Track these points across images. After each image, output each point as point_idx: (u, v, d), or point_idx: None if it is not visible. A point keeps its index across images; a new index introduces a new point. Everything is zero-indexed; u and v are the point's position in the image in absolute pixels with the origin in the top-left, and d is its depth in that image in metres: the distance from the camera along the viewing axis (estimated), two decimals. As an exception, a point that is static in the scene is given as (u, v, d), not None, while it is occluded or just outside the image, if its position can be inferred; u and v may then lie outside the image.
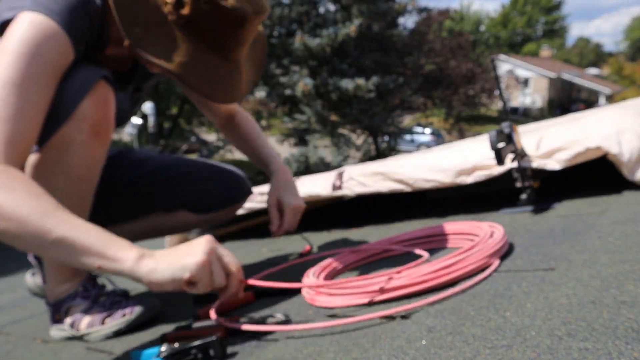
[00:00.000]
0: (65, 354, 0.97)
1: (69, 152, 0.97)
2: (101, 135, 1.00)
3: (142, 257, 0.79)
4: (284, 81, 13.66)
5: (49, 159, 0.97)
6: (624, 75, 20.90)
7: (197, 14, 0.91)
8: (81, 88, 0.96)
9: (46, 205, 0.81)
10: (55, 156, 0.97)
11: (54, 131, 0.95)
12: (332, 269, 1.07)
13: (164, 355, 0.75)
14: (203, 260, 0.78)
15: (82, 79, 0.96)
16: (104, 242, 0.79)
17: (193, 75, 0.93)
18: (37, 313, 1.49)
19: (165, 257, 0.80)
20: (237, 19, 0.92)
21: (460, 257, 0.86)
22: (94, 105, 0.97)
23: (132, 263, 0.78)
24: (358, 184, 1.65)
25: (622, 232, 0.92)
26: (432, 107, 20.20)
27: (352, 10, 14.04)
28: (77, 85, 0.96)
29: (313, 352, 0.70)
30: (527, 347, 0.56)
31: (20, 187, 0.81)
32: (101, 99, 0.98)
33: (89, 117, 0.97)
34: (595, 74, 39.86)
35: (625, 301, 0.62)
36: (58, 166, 0.97)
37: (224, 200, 1.37)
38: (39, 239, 0.78)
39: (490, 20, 49.05)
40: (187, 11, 0.91)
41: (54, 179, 0.96)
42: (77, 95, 0.95)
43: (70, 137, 0.96)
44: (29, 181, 0.84)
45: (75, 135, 0.96)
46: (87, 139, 0.98)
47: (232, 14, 0.91)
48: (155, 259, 0.79)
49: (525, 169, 1.29)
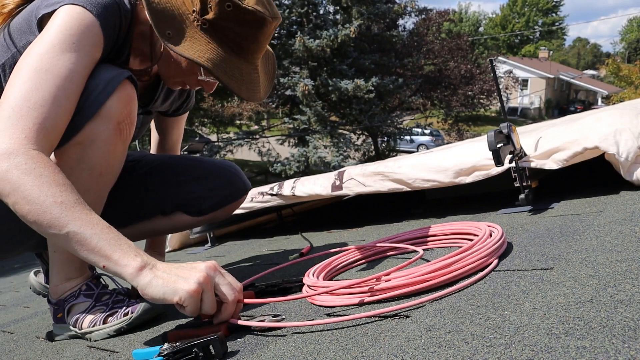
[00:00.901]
0: (67, 353, 0.98)
1: (93, 148, 0.99)
2: (124, 133, 1.02)
3: (143, 267, 0.83)
4: (284, 82, 13.66)
5: (73, 155, 0.98)
6: (620, 77, 20.90)
7: (222, 17, 0.99)
8: (108, 86, 0.98)
9: (68, 197, 0.84)
10: (80, 152, 0.98)
11: (80, 128, 0.96)
12: (331, 268, 1.07)
13: (166, 354, 0.76)
14: (194, 289, 0.81)
15: (107, 77, 0.98)
16: (113, 245, 0.83)
17: (220, 71, 1.00)
18: (40, 312, 1.50)
19: (163, 274, 0.83)
20: (257, 20, 1.00)
21: (459, 257, 0.87)
22: (119, 104, 0.99)
23: (132, 271, 0.83)
24: (358, 184, 1.65)
25: (620, 231, 0.92)
26: (431, 107, 20.21)
27: (352, 11, 14.05)
28: (103, 83, 0.97)
29: (313, 350, 0.71)
30: (526, 346, 0.56)
31: (48, 174, 0.84)
32: (126, 97, 1.00)
33: (114, 115, 0.99)
34: (593, 74, 39.91)
35: (622, 300, 0.62)
36: (82, 163, 0.99)
37: (220, 200, 1.35)
38: (54, 228, 0.83)
39: (489, 21, 49.09)
40: (212, 15, 0.99)
41: (77, 174, 0.98)
42: (104, 93, 0.97)
43: (95, 134, 0.98)
44: (56, 170, 0.87)
45: (100, 133, 0.98)
46: (111, 137, 0.99)
47: (253, 15, 0.99)
48: (154, 273, 0.83)
49: (524, 169, 1.30)
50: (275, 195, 1.88)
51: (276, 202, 1.90)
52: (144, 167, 1.35)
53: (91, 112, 0.96)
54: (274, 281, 1.10)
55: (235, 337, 0.84)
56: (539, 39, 49.30)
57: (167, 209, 1.34)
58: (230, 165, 1.40)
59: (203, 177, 1.34)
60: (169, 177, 1.33)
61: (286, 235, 2.02)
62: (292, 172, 13.47)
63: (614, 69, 21.05)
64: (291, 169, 13.57)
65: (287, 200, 1.88)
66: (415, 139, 20.98)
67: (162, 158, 1.40)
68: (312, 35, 13.49)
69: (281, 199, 1.88)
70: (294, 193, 1.82)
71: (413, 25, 19.07)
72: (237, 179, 1.37)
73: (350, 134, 15.23)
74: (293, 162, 13.66)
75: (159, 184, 1.33)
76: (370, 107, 14.12)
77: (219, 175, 1.35)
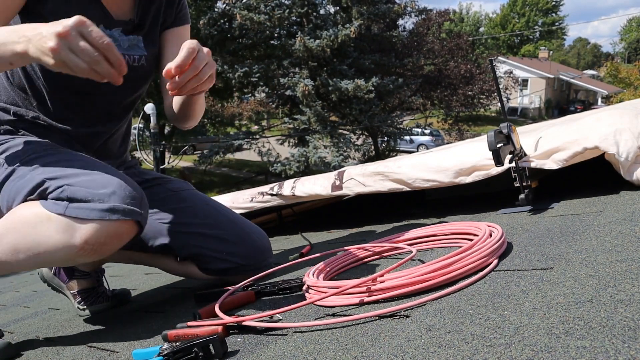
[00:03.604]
0: (67, 353, 0.98)
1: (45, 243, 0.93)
2: (85, 252, 0.94)
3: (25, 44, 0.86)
4: (284, 82, 13.67)
5: (21, 224, 0.95)
6: (619, 78, 20.95)
7: None
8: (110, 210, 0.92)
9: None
10: (28, 230, 0.94)
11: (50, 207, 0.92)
12: (331, 268, 1.07)
13: (166, 354, 0.76)
14: (52, 46, 0.82)
15: (121, 195, 0.94)
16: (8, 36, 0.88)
17: None
18: (40, 312, 1.50)
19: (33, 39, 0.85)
20: None
21: (459, 257, 0.87)
22: (104, 236, 0.93)
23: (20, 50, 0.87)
24: (358, 183, 1.66)
25: (619, 231, 0.92)
26: (431, 107, 20.22)
27: (352, 11, 14.06)
28: (110, 196, 0.93)
29: (313, 350, 0.71)
30: (526, 346, 0.56)
31: None
32: (114, 234, 0.94)
33: (89, 238, 0.92)
34: (593, 75, 39.93)
35: (622, 300, 0.62)
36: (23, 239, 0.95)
37: (233, 267, 1.23)
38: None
39: (489, 21, 49.08)
40: None
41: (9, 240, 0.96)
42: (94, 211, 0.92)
43: (54, 232, 0.92)
44: None
45: (62, 239, 0.92)
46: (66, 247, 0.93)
47: None
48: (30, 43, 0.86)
49: (524, 169, 1.30)
50: (275, 195, 1.88)
51: (276, 202, 1.90)
52: (179, 202, 1.26)
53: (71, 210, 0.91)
54: (274, 281, 1.10)
55: (235, 337, 0.84)
56: (539, 39, 49.32)
57: (181, 256, 1.25)
58: (258, 234, 1.29)
59: (226, 238, 1.23)
60: (196, 227, 1.23)
61: (286, 235, 2.03)
62: (292, 172, 13.48)
63: (613, 70, 21.09)
64: (291, 169, 13.58)
65: (287, 200, 1.88)
66: (415, 139, 21.00)
67: (197, 200, 1.30)
68: (312, 35, 13.50)
69: (281, 199, 1.88)
70: (294, 193, 1.82)
71: (413, 25, 19.10)
72: (262, 252, 1.26)
73: (350, 134, 15.24)
74: (293, 162, 13.67)
75: (182, 226, 1.23)
76: (370, 107, 14.13)
77: (242, 242, 1.24)
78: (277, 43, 14.58)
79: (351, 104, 13.88)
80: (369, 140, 16.44)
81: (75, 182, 0.95)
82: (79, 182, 0.95)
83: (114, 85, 1.18)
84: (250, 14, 13.57)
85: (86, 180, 0.95)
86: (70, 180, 0.95)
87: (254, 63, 14.35)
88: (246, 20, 13.59)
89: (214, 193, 15.01)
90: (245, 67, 14.12)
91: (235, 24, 14.22)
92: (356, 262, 1.15)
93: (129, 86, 1.23)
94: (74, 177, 0.96)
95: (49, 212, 0.93)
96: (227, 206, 1.89)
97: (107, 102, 1.21)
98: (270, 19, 13.62)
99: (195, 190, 1.34)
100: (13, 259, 0.97)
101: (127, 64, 1.18)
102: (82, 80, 1.14)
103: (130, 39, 1.20)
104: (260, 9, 13.76)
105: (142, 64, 1.22)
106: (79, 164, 1.01)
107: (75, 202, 0.92)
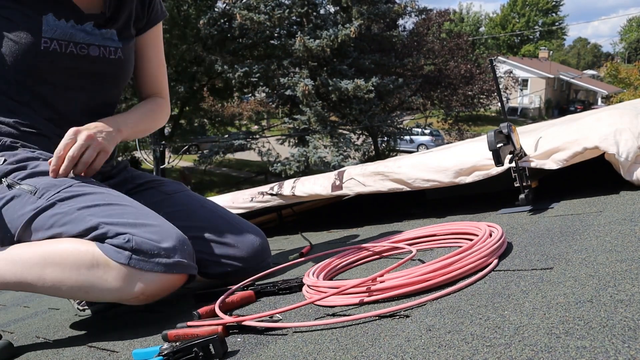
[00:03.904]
0: (67, 353, 0.98)
1: (99, 286, 0.96)
2: (139, 302, 0.98)
3: None
4: (284, 82, 13.67)
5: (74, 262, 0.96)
6: (619, 79, 20.99)
7: None
8: (173, 264, 0.96)
9: None
10: (82, 271, 0.96)
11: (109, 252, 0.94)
12: (331, 268, 1.07)
13: (166, 354, 0.76)
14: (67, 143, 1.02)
15: (179, 247, 0.97)
16: None
17: None
18: (40, 312, 1.50)
19: None
20: None
21: (459, 257, 0.87)
22: (162, 288, 0.97)
23: None
24: (358, 183, 1.65)
25: (619, 231, 0.92)
26: (431, 107, 20.22)
27: (352, 11, 14.06)
28: (170, 248, 0.96)
29: (313, 350, 0.71)
30: (525, 346, 0.56)
31: None
32: (167, 285, 0.97)
33: (148, 292, 0.96)
34: (593, 74, 39.93)
35: (622, 300, 0.62)
36: (74, 277, 0.96)
37: (234, 271, 1.21)
38: None
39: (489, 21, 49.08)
40: None
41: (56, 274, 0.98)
42: (159, 266, 0.95)
43: (117, 282, 0.95)
44: None
45: (120, 286, 0.95)
46: (126, 298, 0.97)
47: None
48: None
49: (524, 169, 1.30)
50: (275, 195, 1.88)
51: (276, 202, 1.90)
52: (174, 205, 1.24)
53: (135, 262, 0.94)
54: (273, 281, 1.10)
55: (235, 337, 0.84)
56: (539, 39, 49.31)
57: None
58: (256, 234, 1.26)
59: (223, 241, 1.21)
60: (191, 228, 1.18)
61: (286, 235, 2.03)
62: (292, 172, 13.48)
63: (613, 71, 21.12)
64: (291, 169, 13.58)
65: (287, 200, 1.88)
66: (415, 139, 21.00)
67: (192, 202, 1.27)
68: (312, 35, 13.50)
69: (281, 199, 1.88)
70: (294, 193, 1.82)
71: (413, 25, 19.09)
72: (257, 254, 1.23)
73: (350, 134, 15.24)
74: (293, 162, 13.67)
75: None
76: (370, 107, 14.13)
77: (240, 244, 1.22)
78: (277, 43, 14.57)
79: (351, 104, 13.88)
80: (369, 140, 16.44)
81: (138, 233, 0.96)
82: (141, 233, 0.96)
83: (93, 80, 1.20)
84: (250, 13, 13.57)
85: (149, 232, 0.97)
86: (132, 229, 0.96)
87: (254, 63, 14.36)
88: (246, 20, 13.59)
89: (214, 193, 15.02)
90: (245, 67, 14.12)
91: (235, 23, 14.22)
92: (356, 262, 1.15)
93: (109, 80, 1.24)
94: (134, 226, 0.97)
95: (108, 258, 0.95)
96: (227, 206, 1.90)
97: (89, 97, 1.22)
98: (270, 19, 13.63)
99: (190, 192, 1.33)
100: (52, 289, 0.99)
101: (103, 56, 1.19)
102: (62, 75, 1.15)
103: (103, 33, 1.20)
104: (260, 9, 13.77)
105: (119, 57, 1.23)
106: (131, 209, 1.02)
107: (141, 254, 0.94)
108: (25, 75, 1.13)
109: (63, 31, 1.13)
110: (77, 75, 1.18)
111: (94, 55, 1.18)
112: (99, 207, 1.00)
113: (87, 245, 0.97)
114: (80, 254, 0.96)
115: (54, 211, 1.01)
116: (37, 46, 1.10)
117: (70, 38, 1.14)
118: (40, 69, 1.12)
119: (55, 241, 1.00)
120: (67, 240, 0.99)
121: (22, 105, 1.15)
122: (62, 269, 0.97)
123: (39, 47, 1.10)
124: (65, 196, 1.02)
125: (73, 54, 1.15)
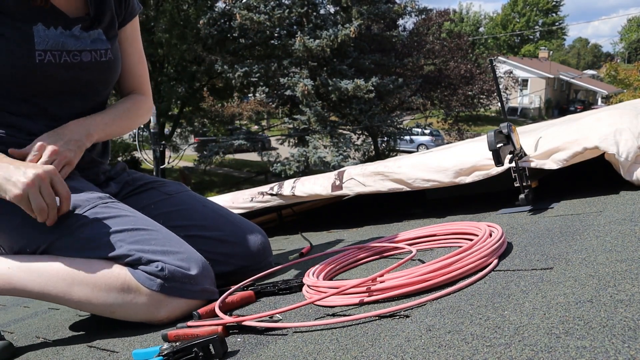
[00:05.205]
0: (67, 353, 0.98)
1: (127, 309, 1.00)
2: (161, 323, 1.01)
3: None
4: (284, 82, 13.67)
5: (105, 285, 0.99)
6: (619, 79, 21.01)
7: None
8: (200, 291, 1.02)
9: None
10: (113, 294, 0.99)
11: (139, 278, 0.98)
12: (331, 268, 1.07)
13: (166, 354, 0.76)
14: (19, 194, 0.95)
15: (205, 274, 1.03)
16: None
17: None
18: (40, 312, 1.50)
19: None
20: None
21: (459, 257, 0.87)
22: (186, 311, 1.01)
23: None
24: (358, 183, 1.66)
25: (619, 231, 0.92)
26: (431, 107, 20.22)
27: (352, 11, 14.06)
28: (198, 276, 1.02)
29: (313, 350, 0.71)
30: (525, 346, 0.56)
31: None
32: (192, 309, 1.00)
33: (173, 315, 1.00)
34: (593, 75, 39.95)
35: (622, 300, 0.62)
36: (104, 299, 1.00)
37: (236, 270, 1.22)
38: None
39: (489, 21, 49.10)
40: None
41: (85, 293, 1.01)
42: (188, 292, 1.01)
43: (146, 307, 0.99)
44: None
45: (148, 310, 0.99)
46: (152, 320, 1.01)
47: None
48: None
49: (524, 169, 1.30)
50: (275, 195, 1.88)
51: (276, 202, 1.90)
52: (176, 205, 1.24)
53: (165, 289, 0.98)
54: (273, 281, 1.10)
55: (235, 337, 0.84)
56: (539, 39, 49.33)
57: None
58: (258, 233, 1.27)
59: (225, 239, 1.22)
60: (193, 227, 1.21)
61: (286, 235, 2.03)
62: (292, 172, 13.49)
63: (612, 71, 21.13)
64: (291, 169, 13.59)
65: (287, 200, 1.88)
66: (415, 139, 21.01)
67: (194, 202, 1.27)
68: (312, 35, 13.50)
69: (281, 199, 1.88)
70: (294, 193, 1.82)
71: (413, 25, 19.09)
72: (258, 253, 1.24)
73: (350, 134, 15.25)
74: (293, 162, 13.68)
75: (180, 230, 1.18)
76: (370, 107, 14.13)
77: (242, 243, 1.23)
78: (277, 43, 14.58)
79: (351, 104, 13.89)
80: (369, 140, 16.44)
81: (168, 261, 1.00)
82: (172, 260, 1.01)
83: (87, 84, 1.19)
84: (250, 13, 13.58)
85: (178, 259, 1.01)
86: (163, 257, 1.01)
87: (254, 63, 14.36)
88: (246, 20, 13.60)
89: (214, 193, 15.01)
90: (245, 67, 14.12)
91: (235, 23, 14.22)
92: (356, 262, 1.15)
93: (102, 82, 1.23)
94: (164, 254, 1.01)
95: (139, 284, 0.98)
96: (227, 206, 1.89)
97: (83, 101, 1.21)
98: (270, 19, 13.63)
99: (191, 192, 1.33)
100: (76, 304, 1.03)
101: (95, 61, 1.19)
102: (57, 84, 1.14)
103: (91, 34, 1.20)
104: (260, 9, 13.77)
105: (109, 57, 1.22)
106: (157, 234, 1.05)
107: (172, 282, 0.99)
108: (21, 89, 1.12)
109: (55, 41, 1.13)
110: (72, 82, 1.18)
111: (87, 61, 1.18)
112: (128, 232, 1.03)
113: (120, 269, 1.00)
114: (112, 277, 0.99)
115: (80, 235, 1.03)
116: (32, 60, 1.09)
117: (62, 47, 1.14)
118: (36, 82, 1.12)
119: (85, 261, 1.02)
120: (98, 262, 1.01)
121: (20, 117, 1.15)
122: (91, 289, 1.00)
123: (34, 61, 1.10)
124: (91, 218, 1.04)
125: (67, 62, 1.15)
